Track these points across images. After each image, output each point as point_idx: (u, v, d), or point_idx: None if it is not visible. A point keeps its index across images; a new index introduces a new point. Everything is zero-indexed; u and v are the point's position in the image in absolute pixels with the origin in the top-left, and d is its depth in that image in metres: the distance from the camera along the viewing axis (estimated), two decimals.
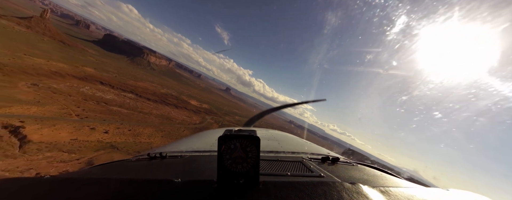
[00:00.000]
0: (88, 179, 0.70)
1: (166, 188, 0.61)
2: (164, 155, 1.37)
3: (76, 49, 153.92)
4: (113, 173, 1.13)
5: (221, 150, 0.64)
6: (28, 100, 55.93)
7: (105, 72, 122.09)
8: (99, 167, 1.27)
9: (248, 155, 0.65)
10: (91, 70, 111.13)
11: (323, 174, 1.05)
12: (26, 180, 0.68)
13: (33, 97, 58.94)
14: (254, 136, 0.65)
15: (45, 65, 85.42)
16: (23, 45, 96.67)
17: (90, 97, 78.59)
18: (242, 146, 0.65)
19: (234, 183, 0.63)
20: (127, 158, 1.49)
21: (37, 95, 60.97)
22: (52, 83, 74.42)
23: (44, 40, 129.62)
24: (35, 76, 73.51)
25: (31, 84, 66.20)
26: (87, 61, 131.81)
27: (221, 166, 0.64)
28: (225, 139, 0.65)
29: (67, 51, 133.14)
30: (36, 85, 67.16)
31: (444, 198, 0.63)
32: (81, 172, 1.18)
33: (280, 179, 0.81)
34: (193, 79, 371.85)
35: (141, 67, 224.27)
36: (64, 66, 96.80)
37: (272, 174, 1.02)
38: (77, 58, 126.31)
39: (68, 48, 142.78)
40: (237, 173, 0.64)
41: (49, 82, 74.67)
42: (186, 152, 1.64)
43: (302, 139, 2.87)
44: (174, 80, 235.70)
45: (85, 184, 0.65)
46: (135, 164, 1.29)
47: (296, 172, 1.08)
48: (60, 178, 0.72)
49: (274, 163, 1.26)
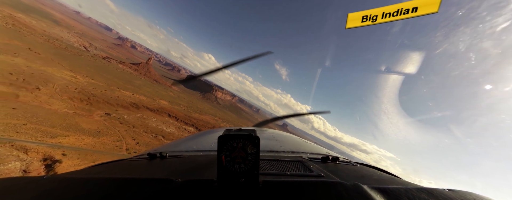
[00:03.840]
0: (89, 178, 0.69)
1: (166, 187, 0.60)
2: (164, 155, 1.33)
3: (163, 86, 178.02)
4: (113, 172, 1.11)
5: (221, 150, 0.63)
6: (89, 130, 53.46)
7: (176, 105, 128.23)
8: (100, 167, 1.24)
9: (248, 154, 0.63)
10: (165, 103, 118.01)
11: (323, 174, 1.02)
12: (26, 180, 0.67)
13: (97, 127, 57.06)
14: (254, 135, 0.64)
15: (128, 97, 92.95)
16: (121, 81, 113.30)
17: (152, 129, 75.32)
18: (242, 146, 0.63)
19: (234, 183, 0.62)
20: (128, 158, 1.46)
21: (102, 125, 59.44)
22: (124, 114, 75.97)
23: (141, 79, 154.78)
24: (114, 106, 77.52)
25: (105, 114, 67.80)
26: (167, 95, 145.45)
27: (221, 166, 0.62)
28: (225, 138, 0.63)
29: (155, 87, 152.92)
30: (109, 115, 68.35)
31: (445, 198, 0.61)
32: (81, 171, 1.14)
33: (280, 179, 0.80)
34: (252, 113, 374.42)
35: (209, 102, 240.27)
36: (144, 99, 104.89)
37: (272, 174, 0.99)
38: (159, 93, 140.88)
39: (157, 85, 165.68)
40: (237, 172, 0.62)
41: (123, 112, 76.78)
42: (186, 151, 1.60)
43: (302, 139, 2.73)
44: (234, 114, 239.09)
45: (85, 183, 0.64)
46: (135, 164, 1.26)
47: (296, 172, 1.05)
48: (60, 177, 0.71)
49: (274, 162, 1.22)
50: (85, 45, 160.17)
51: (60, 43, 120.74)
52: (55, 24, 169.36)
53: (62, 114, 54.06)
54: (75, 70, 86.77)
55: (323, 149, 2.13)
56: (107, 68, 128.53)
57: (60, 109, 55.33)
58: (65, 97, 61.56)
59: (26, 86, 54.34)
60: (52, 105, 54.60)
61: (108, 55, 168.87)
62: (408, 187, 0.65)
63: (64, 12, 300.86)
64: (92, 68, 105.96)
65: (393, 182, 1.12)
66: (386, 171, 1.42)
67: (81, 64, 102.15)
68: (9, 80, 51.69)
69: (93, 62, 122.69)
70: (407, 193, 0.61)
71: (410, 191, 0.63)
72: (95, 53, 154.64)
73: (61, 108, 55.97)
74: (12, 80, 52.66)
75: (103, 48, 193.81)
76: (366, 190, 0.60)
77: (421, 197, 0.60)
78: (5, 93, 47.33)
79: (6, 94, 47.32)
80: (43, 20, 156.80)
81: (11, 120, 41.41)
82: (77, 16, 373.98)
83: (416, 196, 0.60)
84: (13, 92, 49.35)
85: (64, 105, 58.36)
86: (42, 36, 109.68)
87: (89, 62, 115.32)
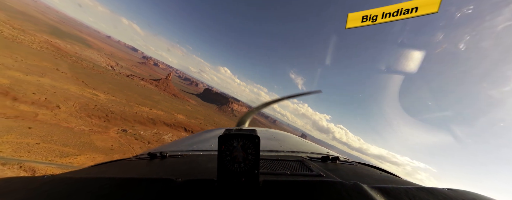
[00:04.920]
0: (89, 178, 0.68)
1: (166, 187, 0.60)
2: (164, 154, 1.31)
3: (181, 100, 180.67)
4: (113, 172, 1.10)
5: (221, 149, 0.62)
6: (102, 147, 51.38)
7: (193, 119, 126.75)
8: (99, 166, 1.23)
9: (248, 154, 0.63)
10: (182, 117, 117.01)
11: (323, 173, 1.02)
12: (26, 180, 0.67)
13: (111, 144, 55.05)
14: (254, 135, 0.64)
15: (146, 113, 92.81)
16: (140, 97, 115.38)
17: None
18: (242, 145, 0.63)
19: (234, 182, 0.61)
20: (128, 158, 1.45)
21: (116, 142, 57.47)
22: (141, 130, 74.49)
23: (160, 94, 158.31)
24: (131, 122, 76.74)
25: (121, 130, 66.54)
26: (184, 109, 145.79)
27: (222, 165, 0.62)
28: (225, 138, 0.63)
29: (173, 101, 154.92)
30: (125, 131, 66.96)
31: (445, 198, 0.60)
32: (81, 171, 1.13)
33: (280, 178, 0.79)
34: (269, 125, 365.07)
35: (226, 114, 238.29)
36: (162, 114, 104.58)
37: (272, 173, 0.98)
38: (177, 107, 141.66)
39: (175, 100, 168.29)
40: (237, 172, 0.61)
41: (139, 128, 75.46)
42: (187, 151, 1.59)
43: (302, 138, 2.71)
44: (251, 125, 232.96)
45: (85, 183, 0.63)
46: (135, 163, 1.25)
47: (296, 171, 1.04)
48: (60, 177, 0.70)
49: (274, 162, 1.20)
50: (112, 65, 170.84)
51: (88, 63, 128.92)
52: (87, 47, 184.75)
53: (78, 131, 53.09)
54: (97, 88, 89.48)
55: (323, 149, 2.09)
56: (129, 85, 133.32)
57: (76, 126, 54.64)
58: (83, 115, 61.52)
59: (47, 105, 54.93)
60: (69, 123, 54.13)
61: (132, 73, 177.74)
62: (408, 186, 0.65)
63: (97, 37, 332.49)
64: (114, 86, 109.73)
65: (393, 181, 1.12)
66: (386, 170, 1.42)
67: (104, 82, 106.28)
68: (31, 100, 52.56)
69: (116, 80, 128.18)
70: (407, 192, 0.61)
71: (410, 190, 0.62)
72: (120, 71, 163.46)
73: (78, 126, 55.31)
74: (34, 99, 53.58)
75: (128, 67, 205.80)
76: (366, 189, 0.59)
77: (421, 196, 0.59)
78: (25, 112, 47.51)
79: (26, 113, 47.45)
80: (77, 44, 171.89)
81: (25, 139, 40.31)
82: (108, 40, 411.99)
83: (416, 196, 0.59)
84: (33, 111, 49.61)
85: (82, 122, 57.90)
86: (72, 58, 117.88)
87: (112, 80, 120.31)
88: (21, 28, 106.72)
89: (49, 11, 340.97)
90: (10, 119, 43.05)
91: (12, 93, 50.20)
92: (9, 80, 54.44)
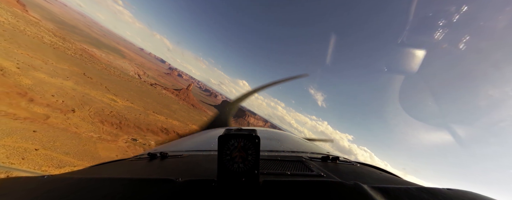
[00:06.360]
0: (88, 178, 0.68)
1: (166, 187, 0.59)
2: (164, 154, 1.31)
3: (199, 110, 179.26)
4: (113, 172, 1.09)
5: (221, 149, 0.62)
6: (105, 158, 46.58)
7: None
8: (99, 167, 1.22)
9: (248, 154, 0.62)
10: (196, 129, 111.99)
11: (323, 173, 1.01)
12: (26, 180, 0.66)
13: (116, 154, 50.37)
14: (254, 135, 0.63)
15: (161, 122, 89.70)
16: (159, 106, 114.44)
17: None
18: (242, 145, 0.62)
19: (234, 182, 0.61)
20: (128, 158, 1.44)
21: (122, 152, 52.81)
22: (152, 140, 70.10)
23: (179, 103, 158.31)
24: (143, 131, 73.14)
25: (131, 139, 62.59)
26: (200, 120, 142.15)
27: (222, 165, 0.61)
28: (225, 138, 0.62)
29: (190, 112, 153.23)
30: (135, 140, 62.85)
31: (445, 197, 0.60)
32: (81, 171, 1.12)
33: (280, 178, 0.79)
34: None
35: None
36: (177, 123, 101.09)
37: (272, 173, 0.98)
38: (193, 117, 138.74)
39: (193, 110, 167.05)
40: (237, 172, 0.61)
41: (150, 138, 71.26)
42: (187, 151, 1.59)
43: (303, 138, 2.73)
44: None
45: (85, 183, 0.63)
46: (135, 164, 1.24)
47: (296, 171, 1.03)
48: (60, 177, 0.69)
49: (274, 162, 1.20)
50: (139, 73, 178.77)
51: (116, 71, 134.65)
52: (121, 57, 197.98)
53: (85, 138, 49.58)
54: (118, 94, 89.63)
55: (323, 149, 2.09)
56: (151, 93, 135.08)
57: (85, 132, 51.45)
58: (96, 120, 58.99)
59: (62, 108, 53.18)
60: (79, 128, 51.18)
61: (156, 82, 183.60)
62: (408, 186, 0.65)
63: (131, 49, 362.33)
64: (135, 93, 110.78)
65: (393, 181, 1.10)
66: (386, 170, 1.40)
67: (127, 89, 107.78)
68: (47, 102, 51.17)
69: (139, 87, 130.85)
70: (407, 192, 0.60)
71: (410, 190, 0.62)
72: (145, 80, 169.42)
73: (87, 132, 52.13)
74: (51, 101, 52.24)
75: (154, 76, 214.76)
76: (366, 189, 0.59)
77: (421, 196, 0.59)
78: (36, 114, 45.36)
79: (37, 115, 45.24)
80: (112, 53, 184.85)
81: (24, 144, 36.80)
82: (140, 52, 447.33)
83: (416, 196, 0.59)
84: (45, 113, 47.53)
85: (92, 128, 54.92)
86: (102, 65, 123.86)
87: (134, 88, 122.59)
88: (62, 36, 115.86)
89: (95, 25, 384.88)
90: (18, 121, 40.65)
91: (30, 94, 49.23)
92: (33, 81, 54.45)
